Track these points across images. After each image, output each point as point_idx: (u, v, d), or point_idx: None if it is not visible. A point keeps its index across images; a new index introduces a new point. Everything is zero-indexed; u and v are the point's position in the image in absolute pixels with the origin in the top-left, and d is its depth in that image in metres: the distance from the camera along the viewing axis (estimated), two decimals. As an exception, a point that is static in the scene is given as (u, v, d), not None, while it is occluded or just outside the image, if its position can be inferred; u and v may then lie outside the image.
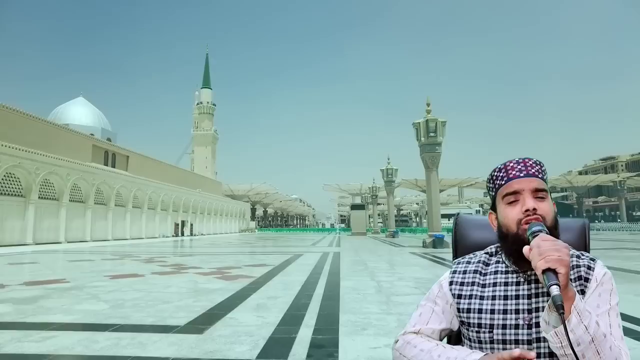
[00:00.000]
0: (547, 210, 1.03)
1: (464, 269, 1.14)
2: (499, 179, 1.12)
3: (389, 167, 45.61)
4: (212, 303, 6.81)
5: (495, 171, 1.15)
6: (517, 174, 1.08)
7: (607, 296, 0.98)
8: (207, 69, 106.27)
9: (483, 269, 1.12)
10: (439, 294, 1.15)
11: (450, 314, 1.12)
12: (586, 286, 1.00)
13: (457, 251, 1.32)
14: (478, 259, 1.15)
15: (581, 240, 1.23)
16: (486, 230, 1.25)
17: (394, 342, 1.14)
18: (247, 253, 21.17)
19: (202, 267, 13.01)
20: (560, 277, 0.85)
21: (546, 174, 1.12)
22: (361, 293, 7.77)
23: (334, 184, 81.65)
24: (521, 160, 1.10)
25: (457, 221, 1.38)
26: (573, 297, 0.87)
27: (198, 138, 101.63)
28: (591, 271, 1.02)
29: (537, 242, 0.91)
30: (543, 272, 0.87)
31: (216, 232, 62.67)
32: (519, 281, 1.04)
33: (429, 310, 1.14)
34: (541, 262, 0.87)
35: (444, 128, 24.20)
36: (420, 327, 1.12)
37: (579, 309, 0.86)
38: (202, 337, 4.73)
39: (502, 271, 1.09)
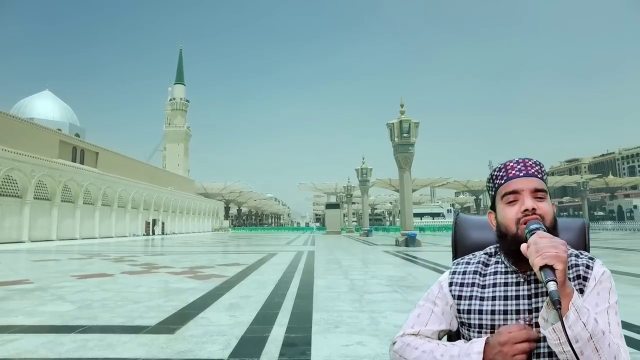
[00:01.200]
0: (546, 210, 1.03)
1: (464, 270, 1.14)
2: (498, 178, 1.11)
3: (363, 167, 46.02)
4: (184, 303, 6.71)
5: (495, 171, 1.14)
6: (517, 173, 1.07)
7: (606, 295, 0.98)
8: (180, 64, 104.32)
9: (483, 270, 1.11)
10: (438, 295, 1.13)
11: (450, 315, 1.11)
12: (585, 285, 1.00)
13: (457, 251, 1.31)
14: (477, 259, 1.15)
15: (581, 240, 1.22)
16: (486, 230, 1.24)
17: (391, 344, 1.12)
18: (220, 252, 20.94)
19: (173, 266, 12.78)
20: (557, 274, 0.85)
21: (546, 174, 1.12)
22: (334, 291, 7.82)
23: (309, 182, 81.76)
24: (521, 160, 1.10)
25: (457, 221, 1.38)
26: (571, 294, 0.87)
27: (170, 135, 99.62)
28: (590, 270, 1.02)
29: (534, 239, 0.92)
30: (540, 268, 0.87)
31: (188, 231, 61.61)
32: (519, 281, 1.04)
33: (428, 311, 1.13)
34: (538, 259, 0.87)
35: (417, 129, 24.62)
36: (420, 329, 1.10)
37: (577, 306, 0.86)
38: (173, 337, 4.66)
39: (502, 272, 1.08)
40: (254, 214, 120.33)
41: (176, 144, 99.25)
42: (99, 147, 48.32)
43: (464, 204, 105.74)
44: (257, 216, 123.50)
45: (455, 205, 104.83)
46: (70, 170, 35.73)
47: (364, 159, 46.53)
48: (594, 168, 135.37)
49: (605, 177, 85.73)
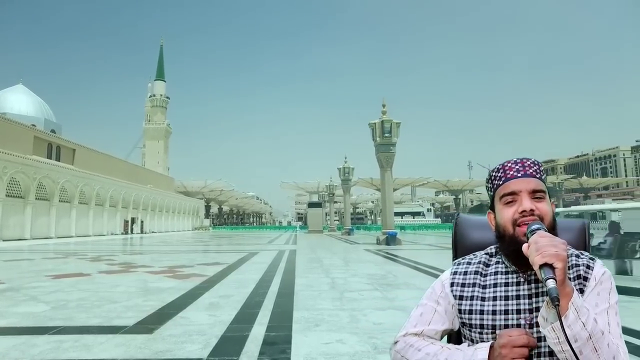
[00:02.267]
0: (545, 211, 1.03)
1: (465, 270, 1.13)
2: (496, 179, 1.11)
3: (345, 166, 46.22)
4: (163, 302, 6.63)
5: (493, 171, 1.14)
6: (515, 174, 1.07)
7: (606, 295, 0.98)
8: (161, 60, 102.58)
9: (483, 270, 1.11)
10: (441, 294, 1.13)
11: (452, 314, 1.11)
12: (585, 285, 1.00)
13: (457, 251, 1.31)
14: (478, 259, 1.14)
15: (581, 240, 1.22)
16: (486, 230, 1.25)
17: (392, 344, 1.11)
18: (200, 251, 20.73)
19: (152, 265, 12.60)
20: (557, 272, 0.86)
21: (545, 174, 1.12)
22: (315, 290, 7.85)
23: (291, 181, 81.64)
24: (519, 160, 1.09)
25: (457, 221, 1.37)
26: (571, 293, 0.87)
27: (150, 132, 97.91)
28: (590, 270, 1.02)
29: (534, 238, 0.92)
30: (540, 267, 0.87)
31: (168, 229, 60.72)
32: (519, 281, 1.04)
33: (431, 310, 1.12)
34: (538, 257, 0.88)
35: (398, 129, 24.86)
36: (423, 328, 1.09)
37: (576, 305, 0.86)
38: (151, 337, 4.60)
39: (502, 272, 1.08)
40: (235, 213, 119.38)
41: (156, 142, 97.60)
42: (76, 143, 47.16)
43: (443, 204, 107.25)
44: (238, 215, 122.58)
45: (435, 205, 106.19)
46: (45, 167, 34.75)
47: (346, 158, 46.76)
48: (569, 169, 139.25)
49: (580, 178, 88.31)
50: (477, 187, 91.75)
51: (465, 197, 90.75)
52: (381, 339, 4.53)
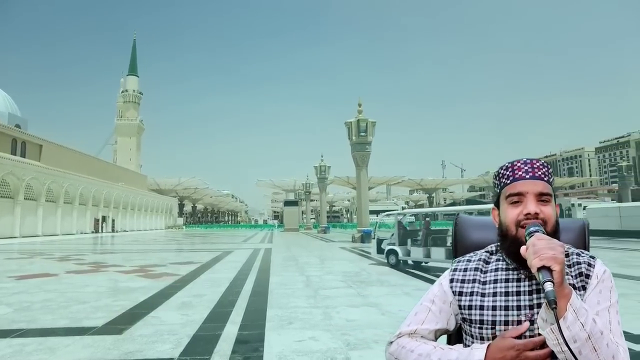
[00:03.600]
0: (549, 215, 1.02)
1: (465, 267, 1.13)
2: (504, 177, 1.10)
3: (322, 165, 46.32)
4: (134, 302, 6.50)
5: (502, 169, 1.12)
6: (523, 175, 1.06)
7: (607, 293, 0.98)
8: (134, 55, 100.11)
9: (484, 267, 1.11)
10: (437, 293, 1.12)
11: (448, 313, 1.10)
12: (587, 282, 1.00)
13: (457, 251, 1.31)
14: (478, 257, 1.15)
15: (580, 240, 1.22)
16: (486, 230, 1.25)
17: (387, 345, 1.10)
18: (173, 250, 20.39)
19: (123, 265, 12.31)
20: (554, 275, 0.86)
21: (552, 177, 1.10)
22: (290, 288, 7.86)
23: (267, 179, 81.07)
24: (529, 161, 1.09)
25: (457, 221, 1.36)
26: (569, 294, 0.88)
27: (122, 128, 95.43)
28: (592, 268, 1.02)
29: (532, 241, 0.92)
30: (538, 270, 0.88)
31: (140, 228, 59.36)
32: (520, 278, 1.04)
33: (425, 310, 1.11)
34: (536, 260, 0.88)
35: (373, 128, 25.10)
36: (416, 327, 1.08)
37: (575, 307, 0.86)
38: (121, 338, 4.51)
39: (503, 268, 1.08)
40: (210, 211, 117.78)
41: (128, 138, 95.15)
42: (43, 139, 45.39)
43: (417, 202, 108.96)
44: (213, 213, 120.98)
45: (410, 203, 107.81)
46: (8, 163, 33.34)
47: (322, 156, 46.88)
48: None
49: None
50: (450, 185, 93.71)
51: (438, 195, 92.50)
52: (354, 335, 4.59)
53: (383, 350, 3.78)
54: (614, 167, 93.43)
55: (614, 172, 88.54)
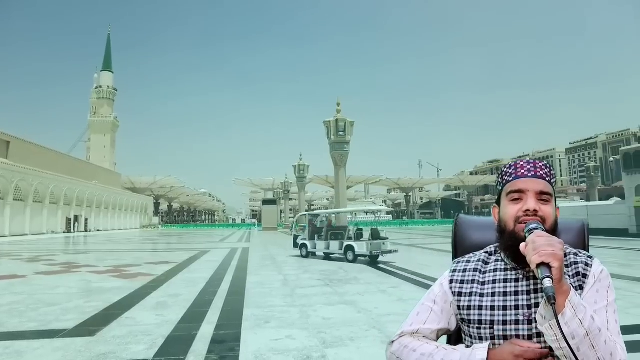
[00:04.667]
0: (548, 214, 1.03)
1: (464, 268, 1.14)
2: (507, 174, 1.12)
3: (300, 164, 46.34)
4: (107, 303, 6.38)
5: (505, 167, 1.15)
6: (525, 173, 1.08)
7: (604, 292, 0.99)
8: (108, 50, 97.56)
9: (483, 267, 1.12)
10: (438, 294, 1.13)
11: (449, 313, 1.11)
12: (584, 282, 1.01)
13: (457, 252, 1.31)
14: (478, 257, 1.16)
15: (580, 240, 1.23)
16: (486, 231, 1.25)
17: (388, 344, 1.10)
18: (148, 250, 20.04)
19: (97, 265, 12.03)
20: (553, 271, 0.87)
21: (554, 178, 1.12)
22: (267, 287, 7.85)
23: (246, 178, 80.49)
24: (532, 161, 1.12)
25: (457, 222, 1.36)
26: (568, 291, 0.88)
27: (95, 125, 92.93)
28: (589, 268, 1.03)
29: (532, 238, 0.93)
30: (537, 266, 0.88)
31: (114, 228, 57.99)
32: (518, 278, 1.05)
33: (427, 310, 1.12)
34: (535, 257, 0.89)
35: (352, 128, 25.26)
36: (418, 327, 1.10)
37: (573, 303, 0.87)
38: (93, 340, 4.42)
39: (502, 268, 1.09)
40: (187, 210, 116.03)
41: (102, 135, 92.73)
42: (10, 135, 43.75)
43: (395, 200, 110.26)
44: (189, 212, 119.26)
45: (387, 202, 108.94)
46: (-26, 160, 32.05)
47: (301, 155, 46.91)
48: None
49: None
50: (426, 185, 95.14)
51: (415, 194, 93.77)
52: (330, 333, 4.63)
53: (358, 347, 3.83)
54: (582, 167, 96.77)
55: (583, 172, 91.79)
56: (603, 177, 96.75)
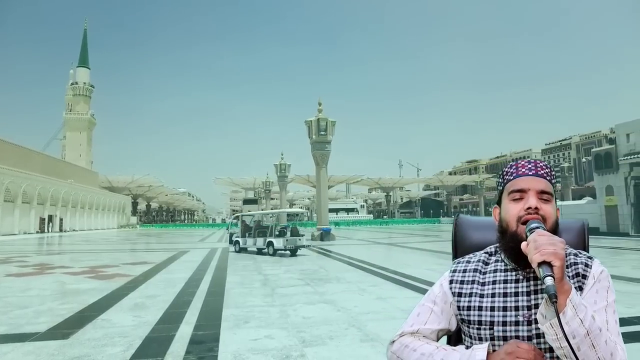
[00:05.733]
0: (549, 213, 1.04)
1: (464, 268, 1.14)
2: (508, 174, 1.12)
3: (282, 163, 46.10)
4: (82, 305, 6.24)
5: (506, 167, 1.15)
6: (526, 172, 1.09)
7: (604, 293, 0.99)
8: (85, 45, 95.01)
9: (483, 268, 1.12)
10: (438, 294, 1.13)
11: (449, 313, 1.11)
12: (584, 283, 1.01)
13: (457, 252, 1.31)
14: (478, 258, 1.16)
15: (580, 240, 1.23)
16: (486, 231, 1.26)
17: (389, 344, 1.10)
18: (126, 250, 19.67)
19: (72, 266, 11.74)
20: (555, 270, 0.86)
21: (555, 178, 1.12)
22: (247, 287, 7.81)
23: (226, 177, 79.64)
24: (532, 160, 1.12)
25: (457, 222, 1.36)
26: (569, 290, 0.88)
27: (71, 122, 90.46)
28: (589, 268, 1.03)
29: (533, 237, 0.93)
30: (539, 265, 0.88)
31: (91, 227, 56.64)
32: (518, 278, 1.05)
33: (428, 310, 1.12)
34: (537, 256, 0.89)
35: (333, 127, 25.32)
36: (419, 327, 1.10)
37: (574, 302, 0.87)
38: (67, 343, 4.33)
39: (502, 269, 1.09)
40: (165, 210, 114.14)
41: (78, 133, 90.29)
42: (-19, 133, 42.29)
43: (376, 200, 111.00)
44: (168, 212, 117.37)
45: (368, 201, 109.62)
46: (-58, 158, 30.81)
47: (282, 155, 46.65)
48: (490, 168, 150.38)
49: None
50: (406, 184, 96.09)
51: (395, 194, 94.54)
52: (309, 332, 4.65)
53: (336, 345, 3.87)
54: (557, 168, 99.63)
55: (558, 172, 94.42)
56: (576, 177, 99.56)
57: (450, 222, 66.51)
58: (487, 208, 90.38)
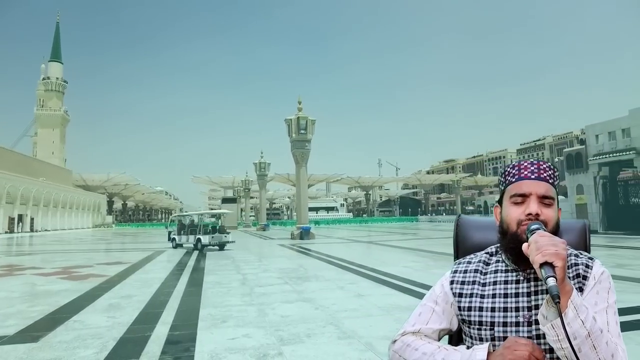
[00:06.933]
0: (550, 217, 1.03)
1: (465, 269, 1.14)
2: (510, 175, 1.11)
3: (261, 161, 45.87)
4: (54, 307, 6.08)
5: (508, 167, 1.14)
6: (529, 175, 1.07)
7: (605, 294, 0.99)
8: (57, 39, 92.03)
9: (484, 269, 1.12)
10: (440, 294, 1.13)
11: (451, 314, 1.12)
12: (584, 284, 1.01)
13: (459, 252, 1.31)
14: (479, 258, 1.16)
15: (581, 241, 1.23)
16: (487, 231, 1.26)
17: (390, 343, 1.10)
18: (101, 250, 19.24)
19: (43, 267, 11.41)
20: (556, 270, 0.86)
21: (558, 179, 1.12)
22: (225, 287, 7.75)
23: (204, 176, 78.59)
24: (535, 162, 1.10)
25: (459, 222, 1.35)
26: (570, 291, 0.88)
27: (43, 119, 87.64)
28: (589, 269, 1.03)
29: (535, 238, 0.93)
30: (540, 266, 0.88)
31: (64, 227, 55.03)
32: (519, 279, 1.05)
33: (429, 310, 1.12)
34: (538, 256, 0.88)
35: (313, 126, 25.33)
36: (420, 327, 1.10)
37: (575, 304, 0.87)
38: (36, 346, 4.21)
39: (502, 270, 1.09)
40: (142, 209, 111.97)
41: (50, 130, 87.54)
42: (-54, 129, 40.57)
43: (355, 199, 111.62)
44: (145, 211, 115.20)
45: (348, 200, 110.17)
46: None
47: (262, 153, 46.41)
48: (466, 168, 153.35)
49: (475, 177, 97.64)
50: (385, 183, 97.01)
51: (375, 193, 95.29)
52: (287, 330, 4.65)
53: (314, 343, 3.90)
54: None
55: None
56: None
57: (427, 220, 67.45)
58: (464, 207, 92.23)
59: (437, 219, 66.49)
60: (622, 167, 24.84)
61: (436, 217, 70.81)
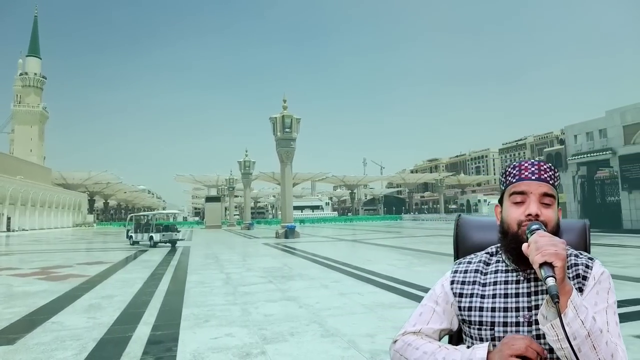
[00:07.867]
0: (550, 218, 1.03)
1: (465, 269, 1.15)
2: (511, 175, 1.11)
3: (246, 160, 45.57)
4: (31, 308, 5.95)
5: (509, 167, 1.14)
6: (529, 175, 1.07)
7: (605, 294, 0.99)
8: (35, 33, 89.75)
9: (484, 269, 1.12)
10: (440, 294, 1.14)
11: (451, 314, 1.12)
12: (584, 284, 1.01)
13: (459, 252, 1.31)
14: (479, 258, 1.16)
15: (581, 241, 1.23)
16: (488, 231, 1.27)
17: (392, 342, 1.11)
18: (81, 250, 18.88)
19: (20, 267, 11.15)
20: (556, 270, 0.86)
21: (558, 180, 1.12)
22: (208, 286, 7.69)
23: (187, 174, 77.70)
24: (536, 162, 1.10)
25: (459, 222, 1.36)
26: (570, 291, 0.88)
27: (20, 115, 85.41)
28: (589, 270, 1.03)
29: (534, 238, 0.93)
30: (540, 266, 0.88)
31: (43, 226, 53.75)
32: (519, 279, 1.05)
33: (430, 310, 1.13)
34: (538, 257, 0.89)
35: (298, 125, 25.28)
36: (421, 327, 1.10)
37: (575, 304, 0.87)
38: (12, 349, 4.11)
39: (503, 270, 1.09)
40: (124, 208, 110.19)
41: (28, 127, 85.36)
42: None
43: (340, 197, 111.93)
44: (127, 210, 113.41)
45: (333, 199, 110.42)
46: None
47: (247, 151, 46.12)
48: (450, 167, 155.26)
49: (458, 176, 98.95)
50: (370, 182, 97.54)
51: (360, 191, 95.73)
52: (270, 329, 4.65)
53: (297, 342, 3.91)
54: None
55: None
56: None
57: (411, 218, 68.04)
58: (447, 205, 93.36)
59: (420, 218, 67.20)
60: (599, 167, 25.49)
61: (419, 216, 71.49)
